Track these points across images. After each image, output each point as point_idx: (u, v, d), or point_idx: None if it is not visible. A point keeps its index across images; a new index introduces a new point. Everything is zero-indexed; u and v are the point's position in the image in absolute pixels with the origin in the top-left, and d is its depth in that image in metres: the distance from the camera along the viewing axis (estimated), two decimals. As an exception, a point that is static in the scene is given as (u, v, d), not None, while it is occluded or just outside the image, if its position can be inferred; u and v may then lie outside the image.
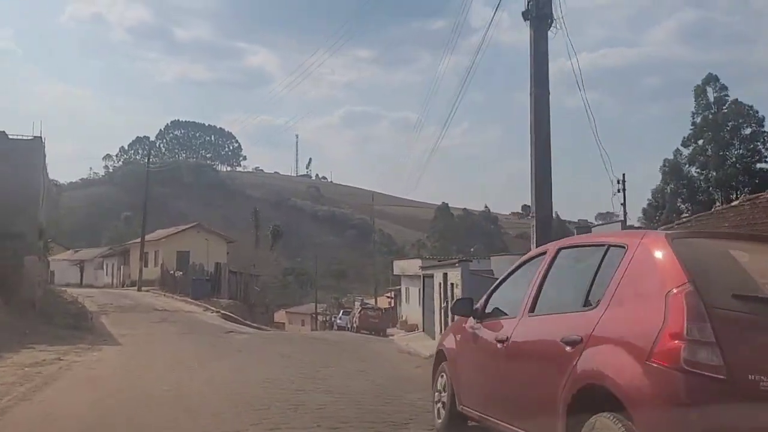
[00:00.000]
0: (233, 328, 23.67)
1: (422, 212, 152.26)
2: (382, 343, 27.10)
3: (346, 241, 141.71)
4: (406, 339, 30.00)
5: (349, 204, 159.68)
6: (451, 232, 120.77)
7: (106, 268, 53.86)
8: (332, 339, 24.32)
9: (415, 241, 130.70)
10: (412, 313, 40.34)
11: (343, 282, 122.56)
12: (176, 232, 46.30)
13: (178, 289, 37.14)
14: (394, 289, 46.81)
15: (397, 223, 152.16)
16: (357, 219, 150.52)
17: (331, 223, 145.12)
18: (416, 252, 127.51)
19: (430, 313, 29.51)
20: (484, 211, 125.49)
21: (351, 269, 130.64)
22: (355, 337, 29.77)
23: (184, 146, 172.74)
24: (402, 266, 41.88)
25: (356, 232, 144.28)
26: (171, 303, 32.51)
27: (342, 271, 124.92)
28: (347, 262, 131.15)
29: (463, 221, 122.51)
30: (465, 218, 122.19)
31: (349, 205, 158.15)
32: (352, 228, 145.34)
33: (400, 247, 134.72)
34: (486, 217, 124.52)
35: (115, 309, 27.62)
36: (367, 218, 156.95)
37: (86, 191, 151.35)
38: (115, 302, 30.76)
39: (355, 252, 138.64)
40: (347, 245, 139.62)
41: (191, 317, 26.02)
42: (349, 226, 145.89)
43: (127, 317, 24.59)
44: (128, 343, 16.07)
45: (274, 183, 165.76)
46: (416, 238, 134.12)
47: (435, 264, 30.71)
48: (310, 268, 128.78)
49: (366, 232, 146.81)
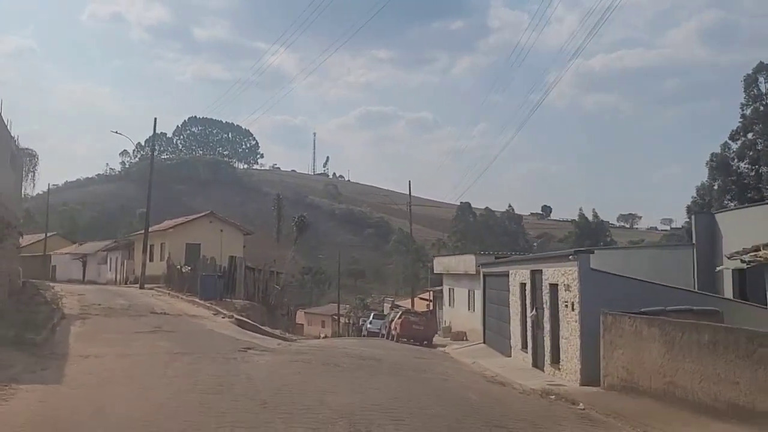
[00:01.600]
0: (250, 341, 16.97)
1: (441, 212, 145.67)
2: (441, 360, 20.38)
3: (364, 241, 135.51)
4: (465, 353, 23.23)
5: (368, 203, 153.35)
6: (473, 232, 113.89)
7: (109, 263, 47.40)
8: (381, 356, 17.62)
9: (435, 241, 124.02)
10: (458, 318, 33.54)
11: (361, 281, 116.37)
12: (186, 221, 39.69)
13: (186, 288, 30.58)
14: (433, 290, 39.94)
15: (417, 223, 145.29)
16: (375, 218, 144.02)
17: (349, 221, 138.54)
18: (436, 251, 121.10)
19: (497, 320, 22.72)
20: (507, 211, 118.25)
21: (369, 269, 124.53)
22: (403, 350, 23.08)
23: (201, 143, 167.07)
24: (446, 263, 35.04)
25: (374, 231, 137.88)
26: (174, 304, 25.93)
27: (360, 271, 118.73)
28: (365, 262, 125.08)
29: (485, 220, 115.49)
30: (487, 217, 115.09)
31: (367, 203, 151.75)
32: (370, 227, 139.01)
33: (420, 246, 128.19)
34: (510, 217, 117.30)
35: (100, 312, 21.06)
36: (385, 217, 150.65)
37: (103, 187, 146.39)
38: (105, 302, 24.23)
39: (374, 251, 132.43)
40: (365, 244, 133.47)
41: (196, 325, 19.34)
42: (367, 225, 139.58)
43: (110, 324, 18.00)
44: (78, 377, 9.47)
45: (291, 181, 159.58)
46: (435, 238, 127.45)
47: (515, 259, 23.77)
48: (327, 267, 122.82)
49: (384, 231, 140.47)
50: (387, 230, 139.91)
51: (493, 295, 23.86)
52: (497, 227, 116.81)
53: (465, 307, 32.37)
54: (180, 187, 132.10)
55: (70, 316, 19.61)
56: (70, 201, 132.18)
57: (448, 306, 35.71)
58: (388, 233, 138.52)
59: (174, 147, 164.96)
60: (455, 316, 34.05)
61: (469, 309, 31.84)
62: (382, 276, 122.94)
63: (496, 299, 22.92)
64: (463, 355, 22.53)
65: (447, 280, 35.81)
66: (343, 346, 22.09)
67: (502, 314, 21.85)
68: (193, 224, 38.84)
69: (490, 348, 23.49)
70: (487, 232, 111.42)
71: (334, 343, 23.75)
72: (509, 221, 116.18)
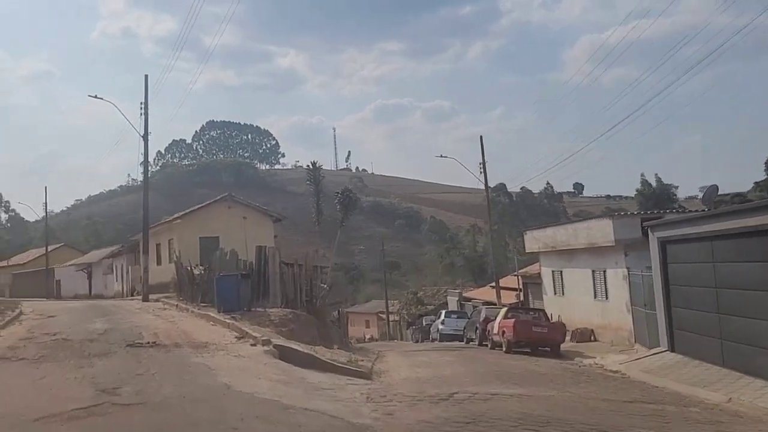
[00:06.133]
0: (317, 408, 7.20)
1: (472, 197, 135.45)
2: (637, 393, 10.39)
3: (395, 232, 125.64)
4: (671, 375, 13.28)
5: (395, 193, 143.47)
6: (510, 214, 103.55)
7: (115, 272, 37.96)
8: (559, 403, 7.83)
9: (469, 227, 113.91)
10: (573, 310, 23.41)
11: (397, 274, 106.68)
12: (197, 208, 30.03)
13: (200, 296, 20.92)
14: (527, 275, 29.75)
15: (449, 210, 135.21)
16: (404, 208, 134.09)
17: (378, 213, 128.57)
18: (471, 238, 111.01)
19: (710, 314, 12.67)
20: (545, 189, 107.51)
21: (403, 260, 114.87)
22: (561, 375, 13.20)
23: (221, 146, 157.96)
24: (550, 237, 24.84)
25: (404, 221, 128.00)
26: (179, 324, 16.17)
27: (394, 263, 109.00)
28: (397, 253, 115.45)
29: (521, 201, 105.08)
30: (524, 197, 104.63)
31: (394, 194, 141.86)
32: (400, 217, 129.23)
33: (454, 233, 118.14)
34: (548, 196, 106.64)
35: (38, 349, 11.42)
36: (414, 206, 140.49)
37: (126, 198, 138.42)
38: (70, 328, 14.65)
39: (406, 242, 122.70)
40: (396, 236, 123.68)
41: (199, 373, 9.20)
42: (397, 215, 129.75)
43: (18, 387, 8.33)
44: None
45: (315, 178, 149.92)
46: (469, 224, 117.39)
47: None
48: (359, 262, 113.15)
49: (415, 220, 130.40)
50: (417, 219, 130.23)
51: (692, 273, 13.81)
52: (536, 207, 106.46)
53: (587, 294, 22.24)
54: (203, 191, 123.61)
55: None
56: (94, 215, 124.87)
57: (551, 294, 25.58)
58: (419, 222, 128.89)
59: (194, 152, 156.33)
60: (567, 308, 23.95)
61: (596, 297, 21.72)
62: (418, 266, 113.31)
63: (708, 278, 12.87)
64: (673, 379, 12.51)
65: (548, 260, 25.68)
66: (456, 377, 12.19)
67: (735, 303, 11.87)
68: (208, 211, 29.06)
69: (698, 361, 13.43)
70: (526, 212, 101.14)
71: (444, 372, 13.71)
72: (548, 200, 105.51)
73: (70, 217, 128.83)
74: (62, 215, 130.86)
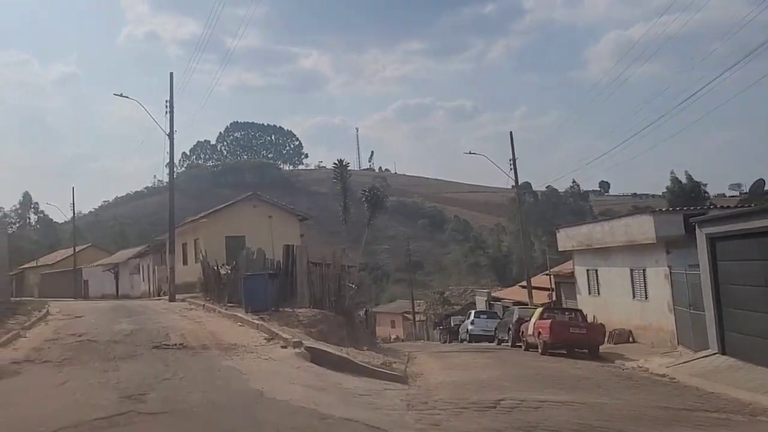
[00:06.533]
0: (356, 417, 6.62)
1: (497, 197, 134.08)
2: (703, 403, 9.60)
3: (418, 231, 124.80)
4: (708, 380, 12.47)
5: (418, 193, 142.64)
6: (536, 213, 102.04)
7: (142, 272, 37.84)
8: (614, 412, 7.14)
9: (493, 226, 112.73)
10: (610, 311, 22.55)
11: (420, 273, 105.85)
12: (222, 207, 29.72)
13: (227, 296, 20.49)
14: (559, 274, 28.83)
15: (472, 209, 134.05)
16: (428, 207, 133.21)
17: (401, 213, 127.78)
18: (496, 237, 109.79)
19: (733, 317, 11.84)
20: (572, 188, 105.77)
21: (427, 260, 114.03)
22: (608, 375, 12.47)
23: (245, 147, 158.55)
24: (585, 235, 23.99)
25: (428, 221, 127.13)
26: (206, 324, 15.72)
27: (418, 262, 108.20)
28: (421, 253, 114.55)
29: (547, 199, 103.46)
30: (550, 196, 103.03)
31: (418, 194, 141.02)
32: (424, 217, 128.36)
33: (478, 233, 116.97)
34: (575, 194, 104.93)
35: (64, 350, 11.10)
36: (438, 206, 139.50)
37: (152, 200, 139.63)
38: (97, 329, 14.29)
39: (429, 241, 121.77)
40: (419, 235, 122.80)
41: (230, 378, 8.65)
42: (420, 215, 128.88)
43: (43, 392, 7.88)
44: None
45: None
46: (493, 223, 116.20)
47: None
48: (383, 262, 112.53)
49: (438, 220, 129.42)
50: (441, 219, 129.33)
51: (746, 272, 12.96)
52: (561, 206, 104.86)
53: (625, 294, 21.38)
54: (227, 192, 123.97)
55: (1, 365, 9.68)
56: (120, 216, 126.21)
57: (586, 294, 24.71)
58: (443, 222, 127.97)
59: (219, 153, 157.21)
60: (602, 308, 23.07)
61: (635, 297, 20.85)
62: (442, 266, 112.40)
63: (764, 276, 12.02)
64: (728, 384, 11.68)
65: (583, 259, 24.81)
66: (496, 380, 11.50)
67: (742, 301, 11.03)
68: (233, 210, 28.71)
69: (751, 365, 12.57)
70: (552, 211, 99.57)
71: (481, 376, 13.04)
72: (574, 198, 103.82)
73: (97, 218, 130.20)
74: (90, 216, 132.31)
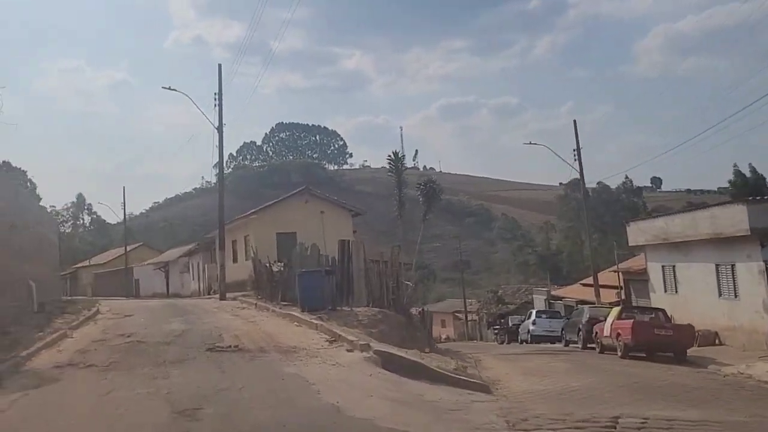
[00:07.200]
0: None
1: (545, 194, 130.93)
2: None
3: (465, 230, 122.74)
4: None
5: (464, 191, 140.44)
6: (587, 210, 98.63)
7: (191, 270, 37.34)
8: None
9: (542, 224, 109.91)
10: (690, 311, 20.64)
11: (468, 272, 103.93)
12: (273, 203, 28.81)
13: (280, 294, 19.40)
14: (628, 271, 26.87)
15: (519, 207, 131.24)
16: (474, 206, 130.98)
17: (448, 211, 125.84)
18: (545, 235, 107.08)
19: None
20: (624, 183, 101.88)
21: (475, 258, 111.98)
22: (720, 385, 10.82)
23: (291, 148, 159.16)
24: (660, 228, 22.08)
25: (475, 219, 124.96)
26: (260, 324, 14.59)
27: (466, 261, 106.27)
28: (468, 251, 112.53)
29: (597, 196, 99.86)
30: (601, 192, 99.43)
31: (464, 192, 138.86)
32: (470, 215, 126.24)
33: (526, 231, 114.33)
34: (627, 190, 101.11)
35: (113, 352, 10.13)
36: (484, 204, 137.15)
37: (201, 201, 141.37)
38: (147, 329, 13.33)
39: (477, 240, 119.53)
40: (466, 234, 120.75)
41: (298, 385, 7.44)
42: (467, 213, 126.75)
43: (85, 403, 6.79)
44: None
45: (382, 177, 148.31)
46: (542, 221, 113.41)
47: None
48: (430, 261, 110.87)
49: (485, 218, 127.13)
50: (488, 217, 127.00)
51: None
52: (613, 202, 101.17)
53: (709, 292, 19.45)
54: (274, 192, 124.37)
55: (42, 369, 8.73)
56: (170, 217, 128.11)
57: (661, 292, 22.76)
58: (490, 220, 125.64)
59: (264, 154, 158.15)
60: (681, 308, 21.10)
61: (721, 295, 18.92)
62: (490, 264, 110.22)
63: None
64: None
65: (657, 254, 22.86)
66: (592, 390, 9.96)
67: None
68: (284, 206, 27.72)
69: None
70: (603, 207, 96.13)
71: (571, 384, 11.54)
72: (626, 194, 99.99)
73: (148, 219, 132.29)
74: (141, 218, 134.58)
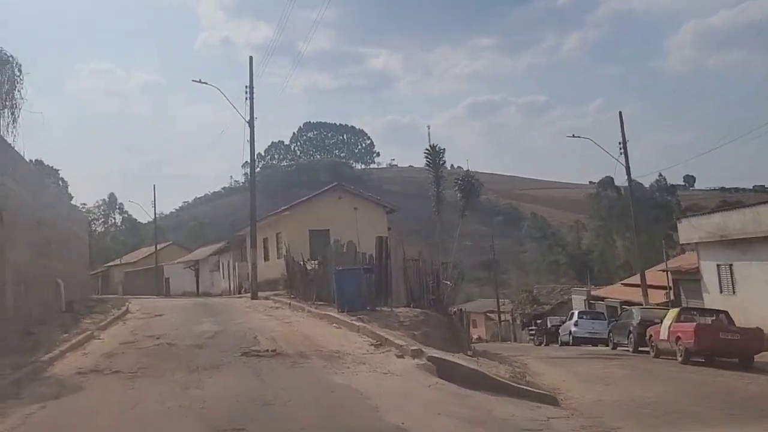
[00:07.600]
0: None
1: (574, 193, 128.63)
2: None
3: (494, 229, 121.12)
4: None
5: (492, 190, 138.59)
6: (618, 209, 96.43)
7: (222, 269, 36.79)
8: None
9: (572, 223, 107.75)
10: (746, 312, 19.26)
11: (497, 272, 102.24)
12: (305, 199, 28.02)
13: (315, 293, 18.51)
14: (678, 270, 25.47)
15: (549, 206, 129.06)
16: (503, 204, 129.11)
17: (476, 210, 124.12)
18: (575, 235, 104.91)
19: None
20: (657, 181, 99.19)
21: (503, 258, 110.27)
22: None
23: (318, 147, 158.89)
24: (716, 225, 20.71)
25: (503, 218, 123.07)
26: (296, 325, 13.70)
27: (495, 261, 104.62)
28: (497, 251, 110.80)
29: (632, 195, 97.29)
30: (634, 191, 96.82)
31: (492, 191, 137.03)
32: (499, 214, 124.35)
33: (556, 230, 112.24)
34: (660, 188, 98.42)
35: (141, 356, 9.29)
36: (513, 203, 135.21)
37: (230, 200, 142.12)
38: (177, 330, 12.56)
39: (506, 239, 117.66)
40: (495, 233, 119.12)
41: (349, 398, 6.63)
42: (495, 212, 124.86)
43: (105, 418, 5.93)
44: None
45: (410, 176, 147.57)
46: (572, 220, 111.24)
47: None
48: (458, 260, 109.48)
49: (514, 217, 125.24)
50: (517, 216, 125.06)
51: None
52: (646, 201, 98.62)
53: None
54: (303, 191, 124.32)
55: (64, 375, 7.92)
56: (200, 216, 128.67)
57: (716, 293, 21.35)
58: (519, 219, 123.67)
59: (292, 153, 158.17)
60: (739, 309, 19.62)
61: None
62: (519, 264, 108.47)
63: None
64: None
65: (712, 253, 21.47)
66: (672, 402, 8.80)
67: None
68: (317, 203, 26.90)
69: None
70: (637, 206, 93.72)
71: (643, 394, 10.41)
72: (660, 193, 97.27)
73: (178, 218, 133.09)
74: (171, 217, 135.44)
